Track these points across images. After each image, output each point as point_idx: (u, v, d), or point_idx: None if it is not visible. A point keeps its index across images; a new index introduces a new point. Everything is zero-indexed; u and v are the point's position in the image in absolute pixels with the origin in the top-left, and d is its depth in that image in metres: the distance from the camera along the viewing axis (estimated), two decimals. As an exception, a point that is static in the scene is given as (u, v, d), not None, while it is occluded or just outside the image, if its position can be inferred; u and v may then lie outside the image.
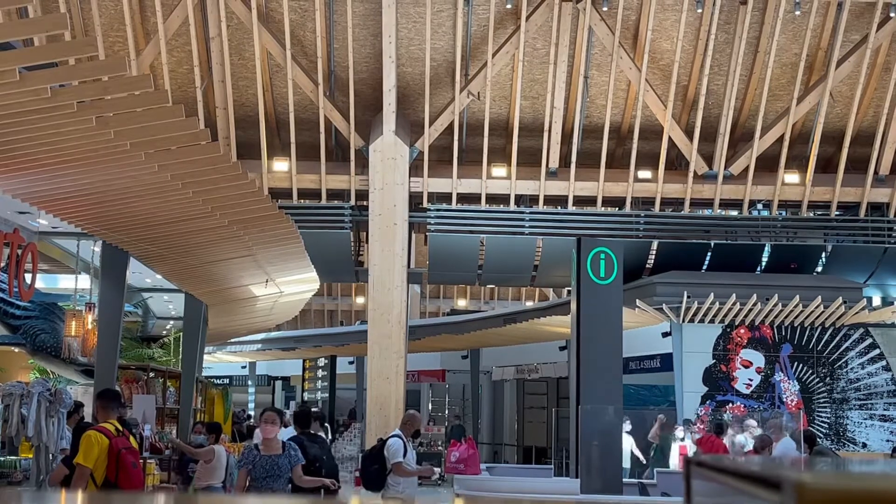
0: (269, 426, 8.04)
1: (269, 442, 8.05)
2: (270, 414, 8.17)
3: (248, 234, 11.59)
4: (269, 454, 7.94)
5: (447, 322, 25.86)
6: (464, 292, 34.81)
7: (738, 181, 19.70)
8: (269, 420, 8.08)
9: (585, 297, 11.65)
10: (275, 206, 11.02)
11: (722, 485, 1.34)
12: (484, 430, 29.01)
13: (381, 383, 18.44)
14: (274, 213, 11.02)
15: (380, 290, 18.75)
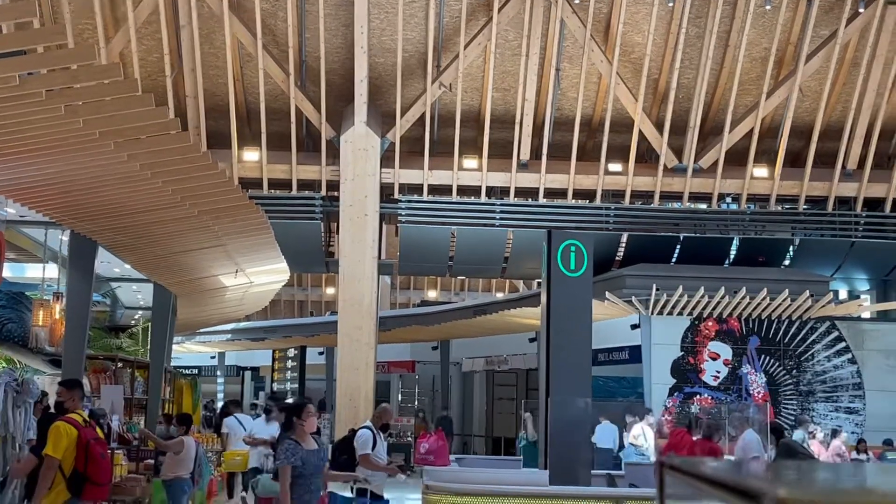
0: (312, 418, 7.78)
1: (308, 436, 7.78)
2: (312, 406, 7.88)
3: (217, 224, 11.52)
4: (311, 448, 7.51)
5: (417, 313, 25.86)
6: (434, 283, 34.83)
7: (707, 174, 19.82)
8: (312, 413, 7.79)
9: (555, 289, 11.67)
10: (245, 197, 10.95)
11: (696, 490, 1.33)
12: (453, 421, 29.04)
13: (351, 374, 18.42)
14: (244, 203, 10.96)
15: (350, 280, 18.71)
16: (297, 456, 7.41)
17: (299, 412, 7.64)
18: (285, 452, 7.39)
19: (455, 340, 28.16)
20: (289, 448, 7.41)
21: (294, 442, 7.46)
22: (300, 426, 7.57)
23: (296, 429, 7.56)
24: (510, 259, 20.14)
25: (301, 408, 7.71)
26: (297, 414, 7.61)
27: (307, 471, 7.48)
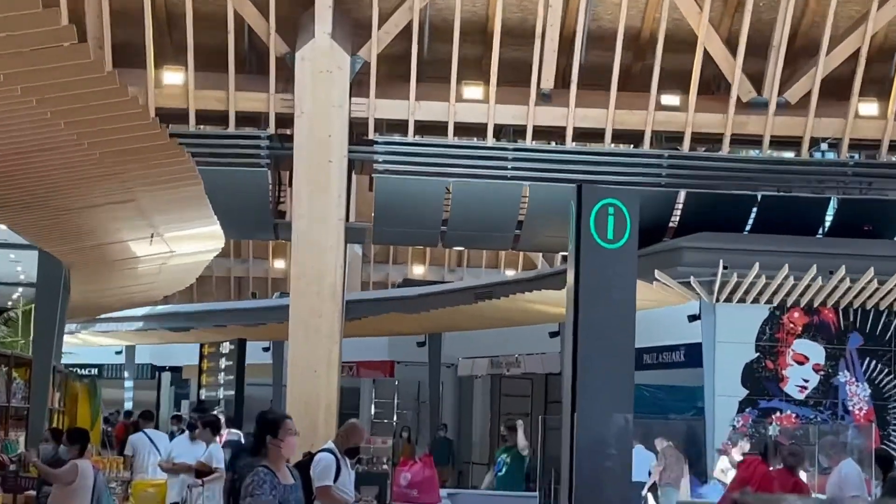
0: (292, 439, 7.54)
1: (284, 465, 7.53)
2: (292, 423, 7.57)
3: (126, 172, 11.49)
4: (287, 483, 7.39)
5: (398, 296, 25.86)
6: (422, 257, 34.81)
7: (796, 112, 19.78)
8: (292, 431, 7.50)
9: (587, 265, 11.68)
10: (165, 134, 10.92)
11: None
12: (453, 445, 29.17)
13: (306, 378, 18.45)
14: (163, 142, 10.93)
15: (307, 251, 18.69)
16: (276, 492, 7.31)
17: (274, 429, 7.52)
18: (259, 485, 7.26)
19: (449, 334, 28.16)
20: (263, 480, 7.29)
21: (268, 471, 7.36)
22: (275, 449, 7.47)
23: (269, 453, 7.45)
24: (525, 224, 20.12)
25: (277, 423, 7.57)
26: (272, 431, 7.49)
27: None
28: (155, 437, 17.04)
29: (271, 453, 7.46)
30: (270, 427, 7.52)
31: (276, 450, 7.47)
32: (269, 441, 7.44)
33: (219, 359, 28.81)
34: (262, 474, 7.29)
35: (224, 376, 28.47)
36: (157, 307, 29.50)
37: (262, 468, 7.35)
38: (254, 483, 7.26)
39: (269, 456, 7.44)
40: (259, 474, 7.30)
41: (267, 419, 7.71)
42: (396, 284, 31.28)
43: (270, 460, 7.43)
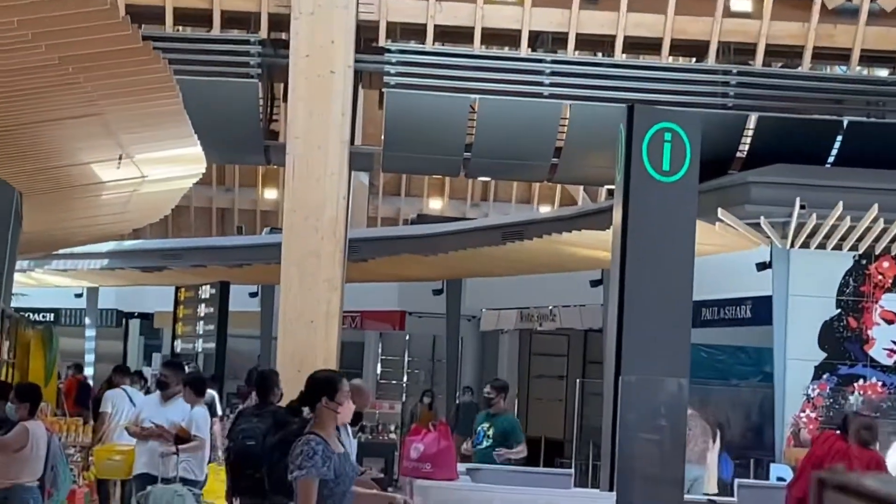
0: (349, 403, 7.62)
1: (334, 431, 7.59)
2: (348, 384, 7.63)
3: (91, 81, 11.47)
4: (339, 452, 7.48)
5: (411, 235, 25.86)
6: (440, 188, 34.82)
7: (891, 21, 19.64)
8: (348, 392, 7.54)
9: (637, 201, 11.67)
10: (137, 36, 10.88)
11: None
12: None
13: (301, 330, 18.51)
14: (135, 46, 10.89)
15: (303, 179, 18.69)
16: (329, 463, 7.38)
17: (332, 390, 7.57)
18: (309, 456, 7.32)
19: (471, 281, 28.20)
20: (314, 450, 7.35)
21: (320, 439, 7.41)
22: (330, 413, 7.53)
23: (320, 417, 7.51)
24: (565, 151, 20.08)
25: (335, 384, 7.63)
26: (329, 392, 7.54)
27: (339, 488, 7.48)
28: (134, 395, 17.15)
29: (324, 418, 7.52)
30: (326, 387, 7.57)
31: (330, 415, 7.53)
32: (325, 404, 7.48)
33: (197, 305, 28.90)
34: (312, 443, 7.34)
35: (203, 326, 28.57)
36: (126, 242, 29.59)
37: (313, 436, 7.39)
38: (303, 454, 7.32)
39: (318, 421, 7.49)
40: (309, 443, 7.35)
41: (322, 378, 7.80)
42: (409, 221, 31.31)
43: (320, 426, 7.48)
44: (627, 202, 11.76)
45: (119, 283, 32.94)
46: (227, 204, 35.55)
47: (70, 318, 35.87)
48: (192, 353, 29.25)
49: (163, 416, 13.36)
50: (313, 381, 7.74)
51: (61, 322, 34.89)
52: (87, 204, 18.56)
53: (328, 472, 7.30)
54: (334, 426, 7.58)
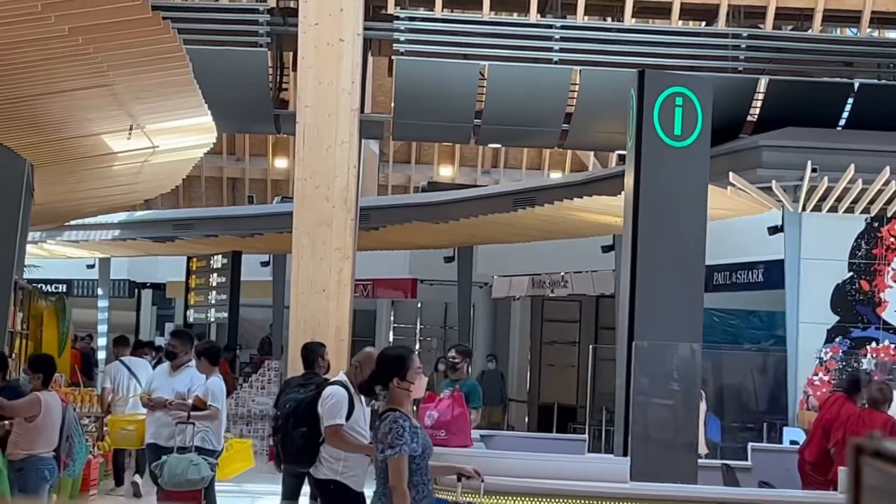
0: (422, 379, 7.69)
1: (411, 408, 7.66)
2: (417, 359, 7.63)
3: (101, 51, 11.44)
4: (420, 425, 7.58)
5: (422, 203, 25.84)
6: (450, 156, 34.77)
7: (902, -17, 19.55)
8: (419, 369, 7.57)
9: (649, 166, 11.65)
10: (146, 6, 10.85)
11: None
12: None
13: (313, 298, 18.53)
14: (145, 16, 10.86)
15: (314, 147, 18.67)
16: (417, 440, 7.46)
17: (401, 368, 7.59)
18: (399, 434, 7.35)
19: (482, 248, 28.21)
20: (403, 427, 7.38)
21: (406, 416, 7.47)
22: (402, 393, 7.57)
23: (394, 397, 7.55)
24: (575, 117, 20.03)
25: (404, 362, 7.65)
26: (398, 371, 7.57)
27: (424, 462, 7.56)
28: (134, 366, 17.14)
29: (398, 397, 7.55)
30: (395, 366, 7.61)
31: (403, 394, 7.56)
32: (396, 384, 7.52)
33: (209, 275, 29.00)
34: (400, 420, 7.39)
35: (215, 295, 28.68)
36: (137, 213, 29.59)
37: (398, 413, 7.43)
38: (393, 432, 7.35)
39: (394, 399, 7.53)
40: (398, 421, 7.38)
41: (392, 358, 7.81)
42: (420, 189, 31.26)
43: (397, 403, 7.52)
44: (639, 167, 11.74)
45: (131, 253, 32.95)
46: (237, 174, 35.55)
47: (82, 290, 35.93)
48: (205, 322, 29.37)
49: (169, 386, 13.33)
50: (383, 360, 7.81)
51: (74, 293, 34.97)
52: (99, 175, 18.56)
53: (417, 447, 7.39)
54: (410, 403, 7.62)
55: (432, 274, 29.93)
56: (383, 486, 7.43)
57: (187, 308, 30.14)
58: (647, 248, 11.73)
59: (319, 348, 12.06)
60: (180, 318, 32.31)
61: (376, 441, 7.47)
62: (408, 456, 7.33)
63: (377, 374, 7.76)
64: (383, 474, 7.43)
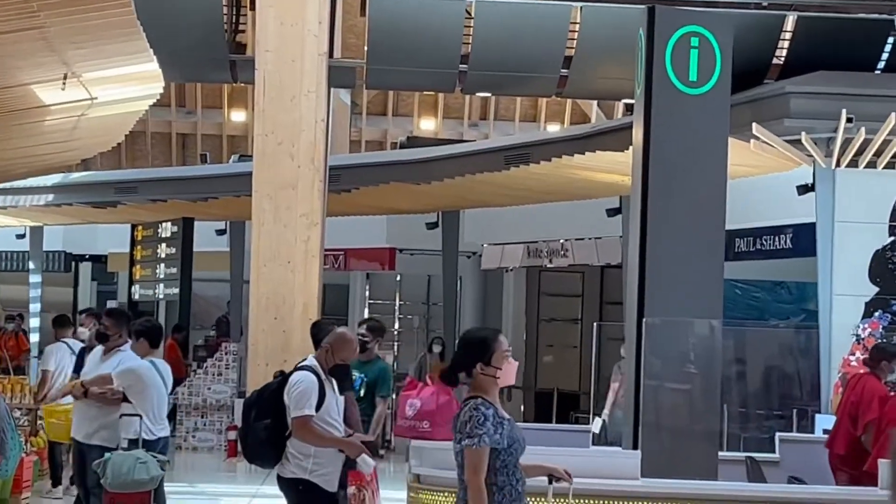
0: (511, 365, 7.66)
1: (497, 395, 7.64)
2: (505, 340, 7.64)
3: (29, -10, 11.41)
4: (508, 417, 7.57)
5: (400, 161, 25.82)
6: (432, 107, 34.75)
7: None
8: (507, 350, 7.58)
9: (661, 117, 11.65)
10: (80, -63, 10.82)
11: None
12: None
13: (276, 271, 18.54)
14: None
15: (276, 98, 18.66)
16: (502, 430, 7.47)
17: (486, 352, 7.59)
18: (480, 422, 7.40)
19: (469, 212, 28.20)
20: (485, 415, 7.42)
21: (489, 404, 7.49)
22: (488, 380, 7.58)
23: (480, 384, 7.57)
24: (575, 61, 20.04)
25: (489, 344, 7.63)
26: (483, 355, 7.57)
27: (512, 458, 7.57)
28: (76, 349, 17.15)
29: (483, 384, 7.57)
30: (479, 350, 7.59)
31: (489, 381, 7.57)
32: (480, 370, 7.52)
33: (157, 245, 28.95)
34: (482, 408, 7.41)
35: (164, 269, 28.62)
36: (73, 175, 29.55)
37: (480, 400, 7.46)
38: (473, 420, 7.39)
39: (478, 386, 7.55)
40: (479, 409, 7.42)
41: (475, 340, 7.78)
42: (398, 145, 31.24)
43: (482, 391, 7.54)
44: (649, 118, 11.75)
45: (67, 221, 32.88)
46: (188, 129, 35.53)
47: (11, 263, 35.84)
48: (153, 299, 29.30)
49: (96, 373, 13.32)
50: (465, 343, 7.81)
51: (1, 267, 34.91)
52: (28, 131, 18.51)
53: (501, 439, 7.39)
54: (497, 391, 7.61)
55: (413, 242, 29.92)
56: (463, 486, 7.50)
57: (132, 283, 30.07)
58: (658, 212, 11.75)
59: (329, 327, 12.01)
60: (124, 295, 32.25)
61: (455, 431, 7.48)
62: (489, 448, 7.33)
63: (460, 358, 7.74)
64: (461, 472, 7.49)
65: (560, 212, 26.06)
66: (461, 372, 7.64)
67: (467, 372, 7.58)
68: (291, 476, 10.07)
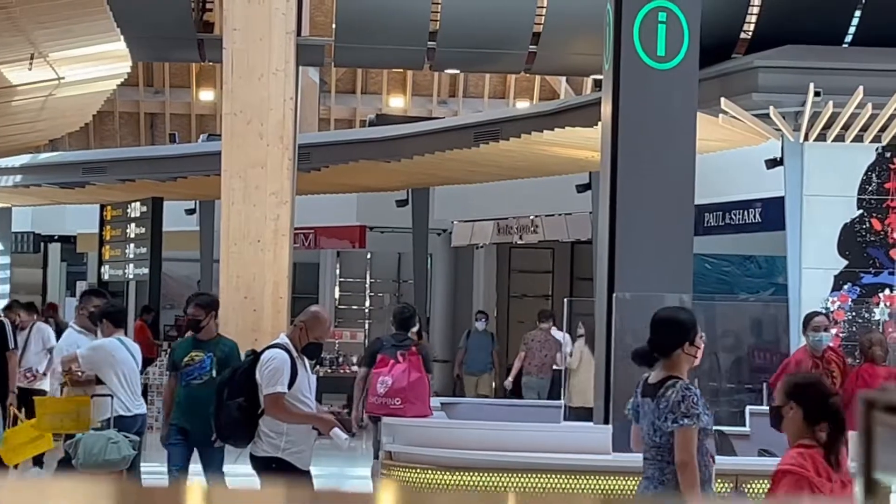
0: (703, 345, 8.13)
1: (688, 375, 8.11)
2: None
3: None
4: None
5: (370, 139, 25.80)
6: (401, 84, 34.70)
7: None
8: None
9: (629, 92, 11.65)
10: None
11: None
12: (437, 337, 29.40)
13: (246, 250, 18.52)
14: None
15: (244, 76, 18.62)
16: (709, 412, 7.90)
17: (690, 330, 7.97)
18: (694, 404, 7.68)
19: (439, 189, 28.18)
20: (698, 397, 7.76)
21: (690, 385, 7.83)
22: (688, 359, 7.94)
23: (677, 363, 7.86)
24: (544, 36, 20.02)
25: (694, 326, 8.02)
26: (688, 335, 7.90)
27: (707, 440, 7.92)
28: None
29: (679, 364, 7.87)
30: (685, 330, 7.96)
31: (688, 360, 7.92)
32: (685, 350, 7.86)
33: (126, 225, 28.87)
34: (692, 389, 7.74)
35: (134, 249, 28.56)
36: (41, 155, 29.44)
37: (685, 381, 7.75)
38: (687, 400, 7.67)
39: (673, 365, 7.83)
40: (690, 388, 7.74)
41: (683, 319, 8.20)
42: (367, 122, 31.21)
43: (678, 370, 7.84)
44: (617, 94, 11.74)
45: (35, 202, 32.76)
46: (156, 108, 35.41)
47: (-20, 244, 35.72)
48: (123, 280, 29.23)
49: None
50: (669, 324, 8.12)
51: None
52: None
53: (710, 421, 7.82)
54: (689, 370, 7.97)
55: (383, 220, 29.90)
56: (660, 467, 7.73)
57: (101, 264, 30.00)
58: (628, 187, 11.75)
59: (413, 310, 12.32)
60: (94, 276, 32.15)
61: (658, 412, 7.70)
62: (698, 428, 7.66)
63: (664, 338, 8.01)
64: (662, 453, 7.71)
65: (530, 188, 26.06)
66: (664, 352, 7.89)
67: (670, 351, 7.86)
68: (264, 455, 10.09)
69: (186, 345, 13.35)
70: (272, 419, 10.00)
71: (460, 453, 9.25)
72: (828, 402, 6.96)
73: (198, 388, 12.55)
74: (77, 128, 23.86)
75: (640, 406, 7.90)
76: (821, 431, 6.81)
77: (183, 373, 12.83)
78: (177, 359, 13.12)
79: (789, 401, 6.96)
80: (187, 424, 12.46)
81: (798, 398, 6.93)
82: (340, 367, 23.71)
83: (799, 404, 6.90)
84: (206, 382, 12.50)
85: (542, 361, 22.36)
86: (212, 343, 13.06)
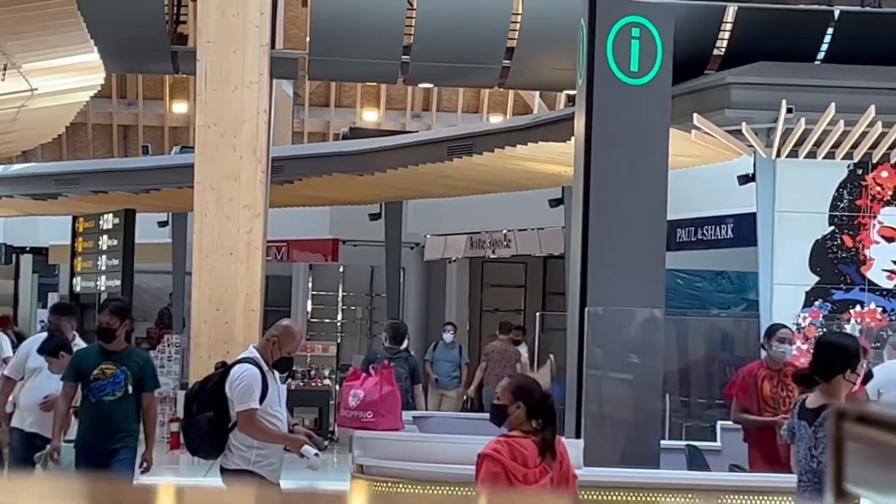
0: None
1: None
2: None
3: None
4: None
5: (343, 152, 25.80)
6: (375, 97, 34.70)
7: None
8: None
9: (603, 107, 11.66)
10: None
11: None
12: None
13: (219, 263, 18.49)
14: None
15: (218, 89, 18.60)
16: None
17: (856, 357, 8.18)
18: None
19: (412, 203, 28.19)
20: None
21: None
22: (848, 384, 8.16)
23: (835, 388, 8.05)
24: (518, 52, 20.05)
25: (858, 352, 8.25)
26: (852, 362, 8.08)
27: None
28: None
29: (838, 390, 8.02)
30: (852, 357, 8.17)
31: (847, 386, 8.10)
32: (846, 377, 8.10)
33: (98, 237, 28.81)
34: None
35: (106, 261, 28.49)
36: (13, 166, 29.35)
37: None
38: None
39: (832, 392, 7.99)
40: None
41: (851, 346, 8.41)
42: (340, 136, 31.19)
43: (835, 395, 7.95)
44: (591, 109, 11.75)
45: (7, 213, 32.67)
46: (130, 120, 35.34)
47: (-48, 255, 35.63)
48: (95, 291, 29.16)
49: None
50: (838, 349, 8.31)
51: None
52: (-33, 123, 18.41)
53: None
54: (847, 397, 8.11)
55: (356, 233, 29.89)
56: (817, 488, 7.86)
57: (73, 275, 29.94)
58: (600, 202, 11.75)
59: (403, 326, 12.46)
60: (66, 288, 32.07)
61: (816, 441, 7.93)
62: None
63: (829, 364, 8.21)
64: (819, 478, 7.84)
65: (503, 202, 26.10)
66: (825, 376, 8.12)
67: (831, 376, 8.09)
68: (235, 468, 10.06)
69: (94, 355, 12.29)
70: (242, 435, 9.98)
71: (432, 467, 9.24)
72: (546, 402, 8.09)
73: (109, 405, 11.85)
74: (50, 139, 23.82)
75: (797, 429, 8.18)
76: (537, 426, 7.85)
77: (93, 387, 11.89)
78: (84, 370, 12.00)
79: (517, 400, 7.94)
80: (96, 445, 11.84)
81: (524, 398, 7.95)
82: (312, 380, 23.67)
83: (525, 403, 7.90)
84: (119, 399, 11.84)
85: (502, 373, 22.52)
86: (123, 355, 12.24)
